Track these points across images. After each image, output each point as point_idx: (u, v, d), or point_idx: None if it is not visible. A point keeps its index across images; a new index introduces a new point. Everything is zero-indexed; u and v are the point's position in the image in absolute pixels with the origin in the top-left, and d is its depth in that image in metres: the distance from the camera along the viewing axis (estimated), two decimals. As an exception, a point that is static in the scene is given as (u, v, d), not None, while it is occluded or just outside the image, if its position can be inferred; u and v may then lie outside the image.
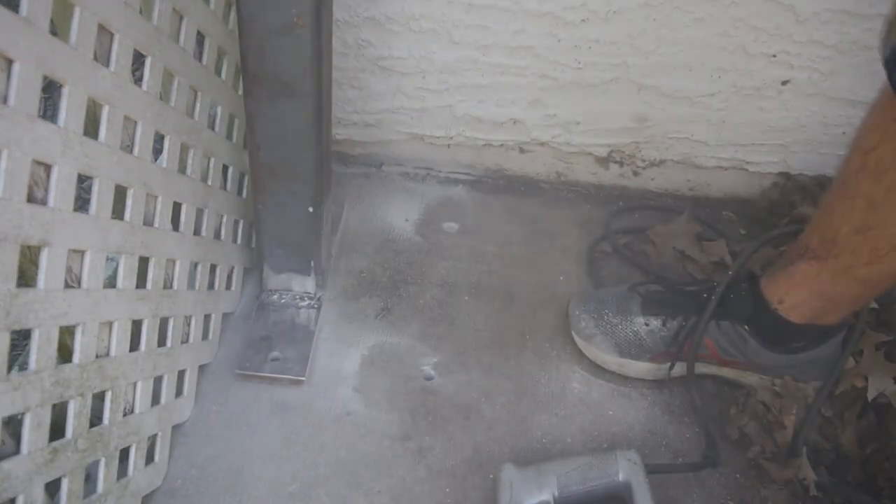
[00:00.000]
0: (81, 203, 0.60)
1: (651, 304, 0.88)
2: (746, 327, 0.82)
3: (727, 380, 0.89)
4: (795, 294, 0.77)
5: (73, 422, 0.60)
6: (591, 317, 0.90)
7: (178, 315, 0.78)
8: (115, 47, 0.61)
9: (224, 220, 0.90)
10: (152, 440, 0.76)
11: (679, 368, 0.88)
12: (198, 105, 0.80)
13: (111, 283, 0.67)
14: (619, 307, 0.90)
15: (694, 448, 0.83)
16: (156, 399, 0.76)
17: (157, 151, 0.72)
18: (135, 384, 0.71)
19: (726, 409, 0.86)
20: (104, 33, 0.60)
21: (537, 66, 1.02)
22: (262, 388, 0.87)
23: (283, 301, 0.94)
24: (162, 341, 0.76)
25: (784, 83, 1.00)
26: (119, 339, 0.67)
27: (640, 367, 0.88)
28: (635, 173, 1.15)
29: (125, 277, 0.67)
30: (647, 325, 0.87)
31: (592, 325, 0.90)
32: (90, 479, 0.65)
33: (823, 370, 0.83)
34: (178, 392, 0.81)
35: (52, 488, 0.58)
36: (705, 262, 1.03)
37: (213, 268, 0.87)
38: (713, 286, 0.85)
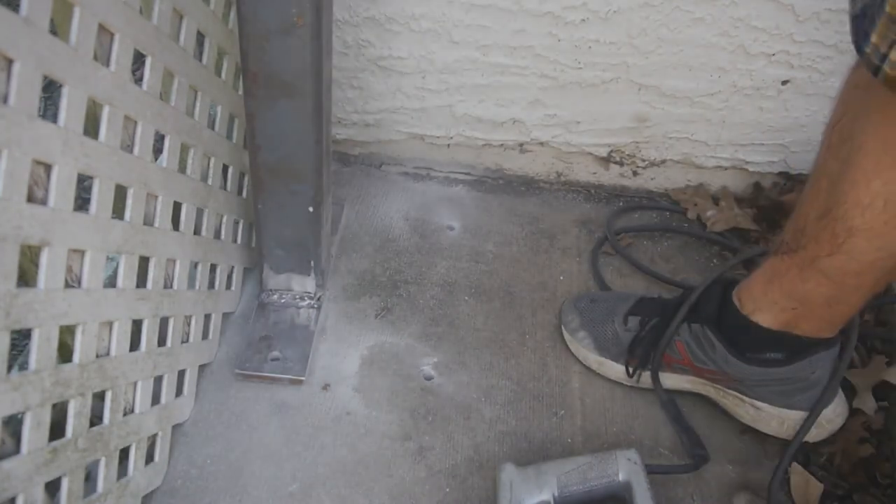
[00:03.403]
0: (81, 203, 0.60)
1: (637, 307, 0.87)
2: (715, 331, 0.78)
3: (710, 399, 0.86)
4: (767, 293, 0.73)
5: (73, 421, 0.60)
6: (579, 313, 0.91)
7: (178, 315, 0.78)
8: (115, 47, 0.61)
9: (224, 219, 0.90)
10: (152, 440, 0.76)
11: (660, 378, 0.86)
12: (198, 105, 0.80)
13: (111, 282, 0.67)
14: (607, 307, 0.89)
15: (693, 446, 0.83)
16: (156, 399, 0.76)
17: (158, 151, 0.72)
18: (135, 384, 0.71)
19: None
20: (104, 33, 0.60)
21: (537, 66, 1.02)
22: (262, 388, 0.87)
23: (283, 301, 0.94)
24: (162, 341, 0.76)
25: (784, 83, 1.00)
26: (119, 338, 0.67)
27: (619, 369, 0.87)
28: (635, 173, 1.15)
29: (125, 277, 0.67)
30: (625, 324, 0.86)
31: (578, 321, 0.90)
32: (90, 478, 0.65)
33: (810, 396, 0.78)
34: (179, 392, 0.81)
35: (52, 488, 0.58)
36: None
37: (213, 267, 0.87)
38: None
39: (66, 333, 0.60)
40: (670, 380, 0.86)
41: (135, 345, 0.71)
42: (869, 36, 0.50)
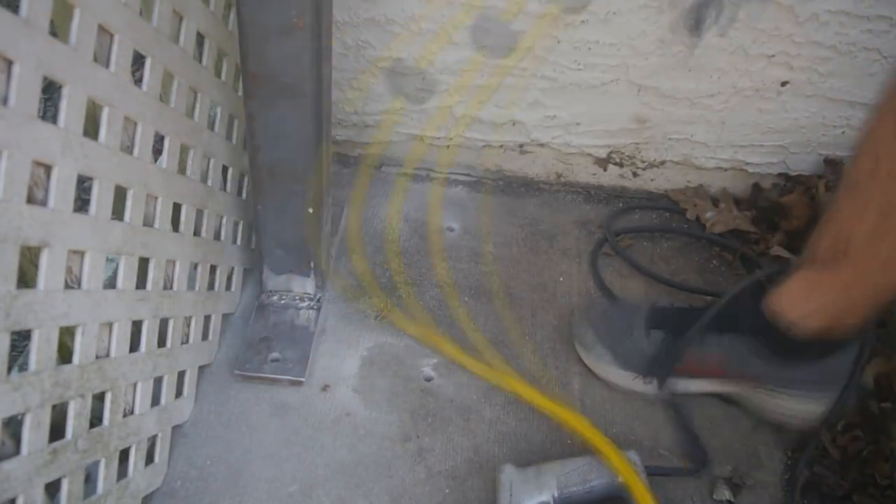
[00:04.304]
0: (81, 204, 0.60)
1: (656, 318, 0.86)
2: (751, 341, 0.79)
3: (732, 398, 0.86)
4: (805, 305, 0.74)
5: (73, 422, 0.60)
6: (592, 327, 0.89)
7: (177, 316, 0.78)
8: (114, 48, 0.61)
9: (224, 220, 0.90)
10: (152, 441, 0.76)
11: (684, 385, 0.86)
12: (198, 106, 0.80)
13: (111, 283, 0.67)
14: (623, 319, 0.88)
15: (694, 450, 0.83)
16: (156, 400, 0.76)
17: (157, 152, 0.72)
18: (135, 385, 0.71)
19: (738, 424, 0.85)
20: (104, 34, 0.60)
21: (537, 67, 1.02)
22: (262, 389, 0.87)
23: (282, 302, 0.94)
24: (162, 342, 0.76)
25: (783, 84, 1.00)
26: (119, 339, 0.67)
27: (642, 382, 0.87)
28: (635, 174, 1.15)
29: (125, 278, 0.67)
30: (647, 337, 0.85)
31: (592, 336, 0.88)
32: (90, 479, 0.65)
33: (833, 384, 0.80)
34: (178, 393, 0.81)
35: (52, 489, 0.58)
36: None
37: (212, 269, 0.87)
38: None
39: (66, 334, 0.60)
40: (696, 385, 0.86)
41: (134, 346, 0.71)
42: None
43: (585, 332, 0.89)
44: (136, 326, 0.71)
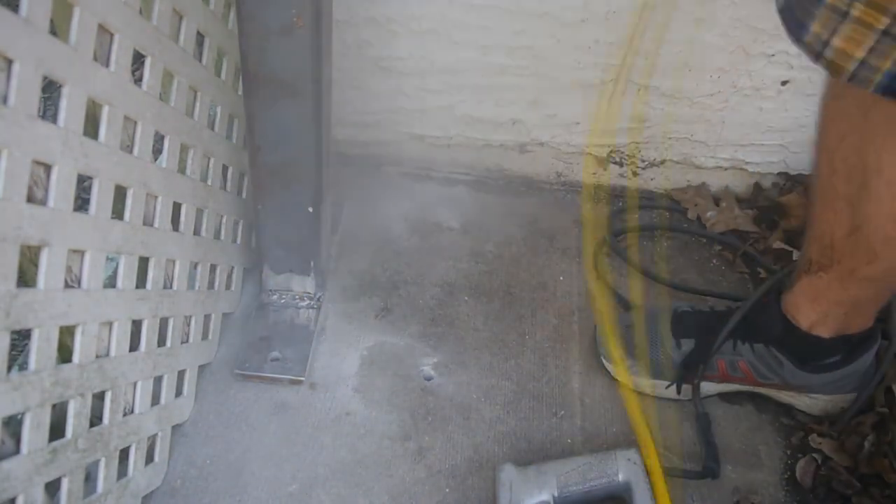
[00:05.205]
0: (81, 203, 0.60)
1: (682, 325, 0.87)
2: (778, 346, 0.80)
3: (762, 396, 0.87)
4: (816, 309, 0.75)
5: (73, 422, 0.61)
6: (620, 342, 0.89)
7: (177, 315, 0.78)
8: (114, 47, 0.61)
9: (224, 220, 0.90)
10: (152, 440, 0.76)
11: (707, 388, 0.86)
12: (197, 105, 0.80)
13: (111, 283, 0.67)
14: (648, 330, 0.88)
15: (694, 451, 0.83)
16: (156, 399, 0.76)
17: (157, 151, 0.72)
18: (135, 384, 0.71)
19: (739, 424, 0.86)
20: (104, 33, 0.60)
21: (537, 67, 1.02)
22: (262, 389, 0.87)
23: (282, 301, 0.94)
24: (162, 341, 0.76)
25: (783, 83, 1.00)
26: (119, 339, 0.67)
27: (673, 390, 0.87)
28: (635, 173, 1.15)
29: (125, 277, 0.68)
30: (679, 347, 0.85)
31: (622, 351, 0.88)
32: (90, 478, 0.65)
33: (858, 381, 0.82)
34: (178, 392, 0.81)
35: (52, 488, 0.58)
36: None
37: (212, 268, 0.87)
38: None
39: (66, 334, 0.60)
40: (725, 387, 0.87)
41: (134, 345, 0.71)
42: (807, 26, 0.54)
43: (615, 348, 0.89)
44: (136, 326, 0.71)
